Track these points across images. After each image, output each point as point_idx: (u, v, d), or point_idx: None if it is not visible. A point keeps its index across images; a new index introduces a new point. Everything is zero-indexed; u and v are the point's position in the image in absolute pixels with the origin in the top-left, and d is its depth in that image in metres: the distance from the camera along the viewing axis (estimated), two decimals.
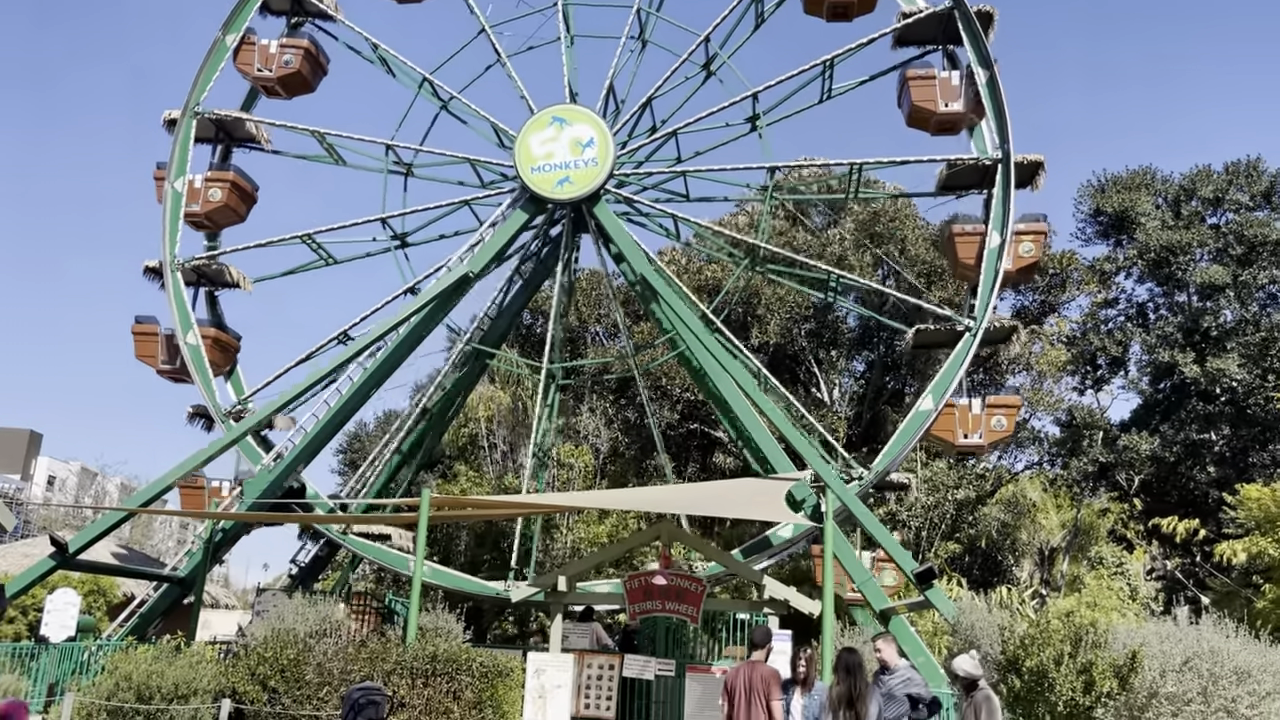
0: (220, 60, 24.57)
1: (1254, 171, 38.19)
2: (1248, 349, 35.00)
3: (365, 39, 24.90)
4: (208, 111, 24.58)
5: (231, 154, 25.55)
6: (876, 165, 22.99)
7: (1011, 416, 22.22)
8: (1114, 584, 31.38)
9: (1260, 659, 13.15)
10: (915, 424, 21.23)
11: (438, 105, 24.96)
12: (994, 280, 21.25)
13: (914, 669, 11.01)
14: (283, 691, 13.39)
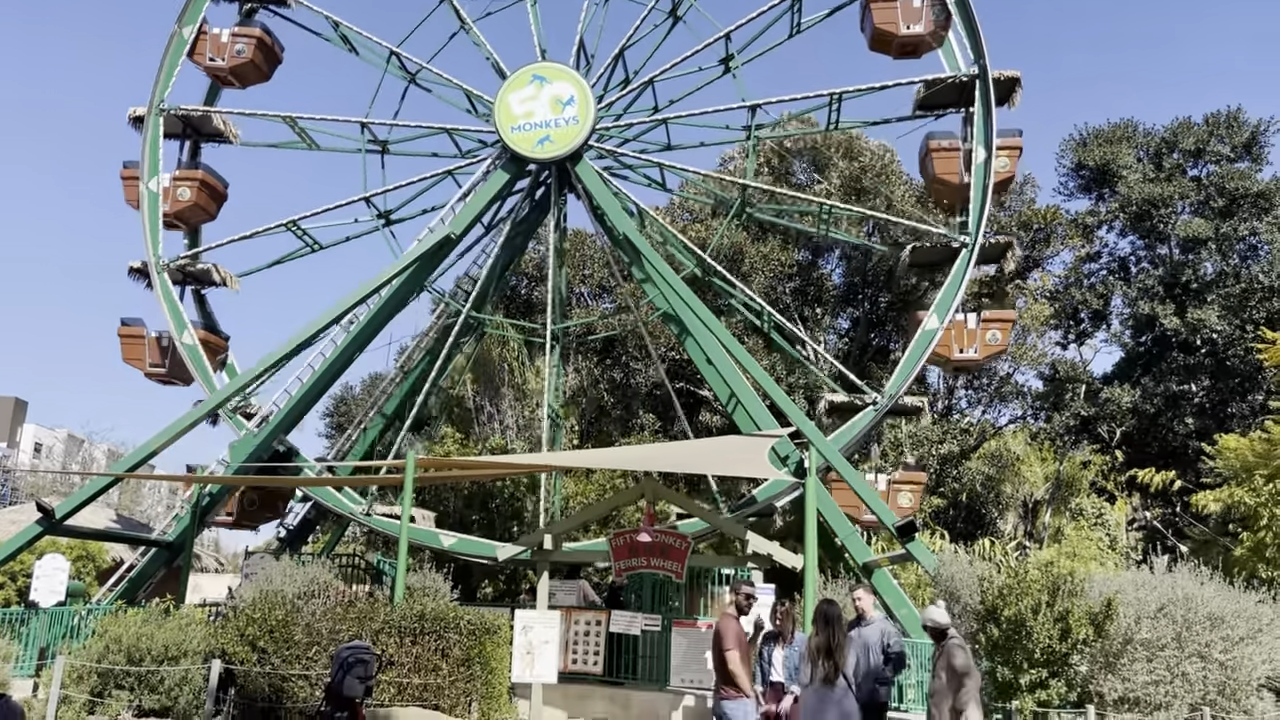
0: (180, 54, 24.20)
1: (1235, 123, 38.17)
2: (1228, 300, 35.24)
3: (326, 18, 24.44)
4: (173, 108, 24.25)
5: (200, 150, 25.22)
6: (855, 94, 22.79)
7: (1006, 330, 22.40)
8: (1094, 535, 31.83)
9: (1234, 605, 13.42)
10: (922, 343, 21.32)
11: (406, 79, 24.64)
12: (984, 194, 21.34)
13: (887, 620, 11.26)
14: (272, 652, 13.54)
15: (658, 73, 23.50)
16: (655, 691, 15.72)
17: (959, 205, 22.57)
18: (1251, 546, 19.56)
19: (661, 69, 23.46)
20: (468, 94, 24.15)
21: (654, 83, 23.68)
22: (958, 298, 21.37)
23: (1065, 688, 12.60)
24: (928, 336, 21.30)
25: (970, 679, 9.58)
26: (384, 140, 25.09)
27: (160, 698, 13.44)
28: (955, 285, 21.39)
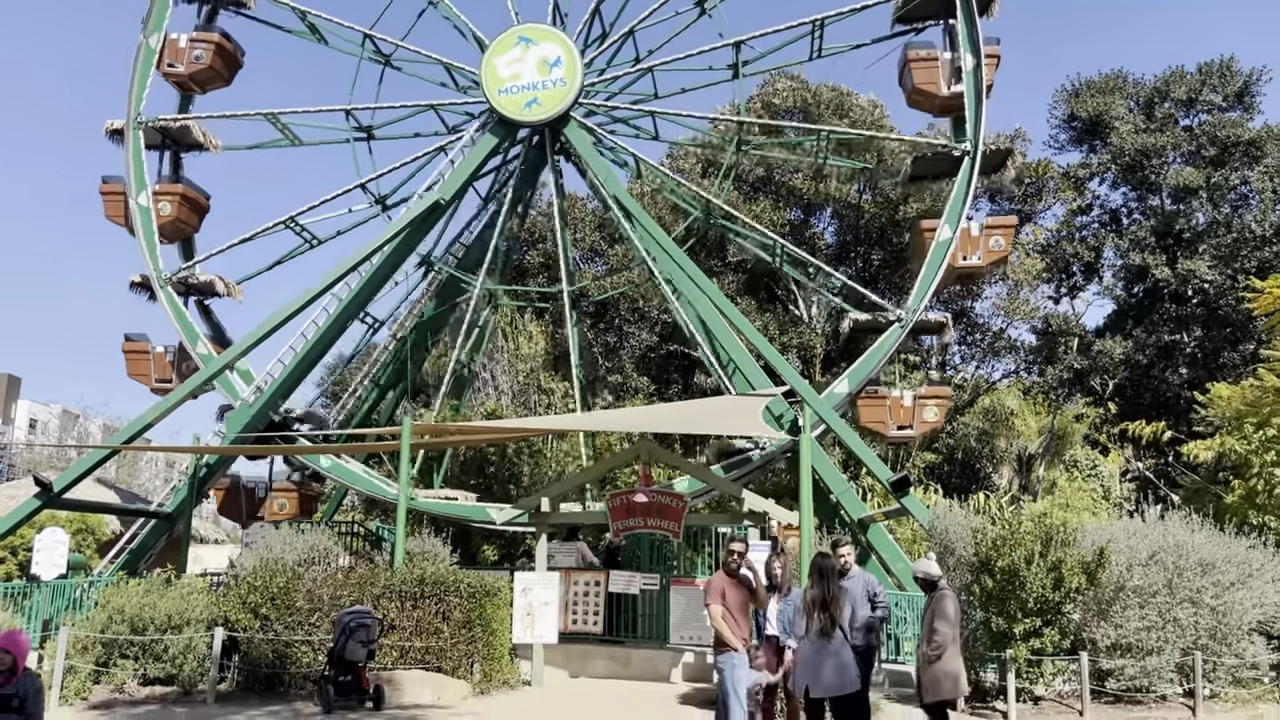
0: (150, 64, 23.86)
1: (1227, 71, 37.98)
2: (1219, 250, 35.27)
3: (292, 9, 24.12)
4: (151, 120, 23.96)
5: (181, 160, 24.94)
6: (836, 17, 22.46)
7: (1009, 236, 22.32)
8: (1087, 486, 32.09)
9: (1224, 551, 13.60)
10: (939, 254, 21.19)
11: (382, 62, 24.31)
12: (979, 100, 21.21)
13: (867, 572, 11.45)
14: (274, 618, 13.66)
15: (635, 22, 23.20)
16: (655, 649, 15.90)
17: (937, 115, 22.43)
18: (1243, 494, 19.72)
19: (639, 18, 23.16)
20: (447, 67, 23.91)
21: (634, 33, 23.39)
22: (966, 205, 21.24)
23: (1059, 636, 12.80)
24: (943, 246, 21.16)
25: (954, 628, 9.77)
26: (369, 126, 24.90)
27: (165, 666, 13.57)
28: (962, 192, 21.24)
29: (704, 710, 12.68)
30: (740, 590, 9.93)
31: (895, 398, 21.53)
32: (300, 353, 22.52)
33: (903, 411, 21.47)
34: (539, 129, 23.24)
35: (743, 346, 21.64)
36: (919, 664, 9.99)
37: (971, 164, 21.31)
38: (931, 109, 22.58)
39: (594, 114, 24.05)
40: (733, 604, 9.74)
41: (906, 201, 34.48)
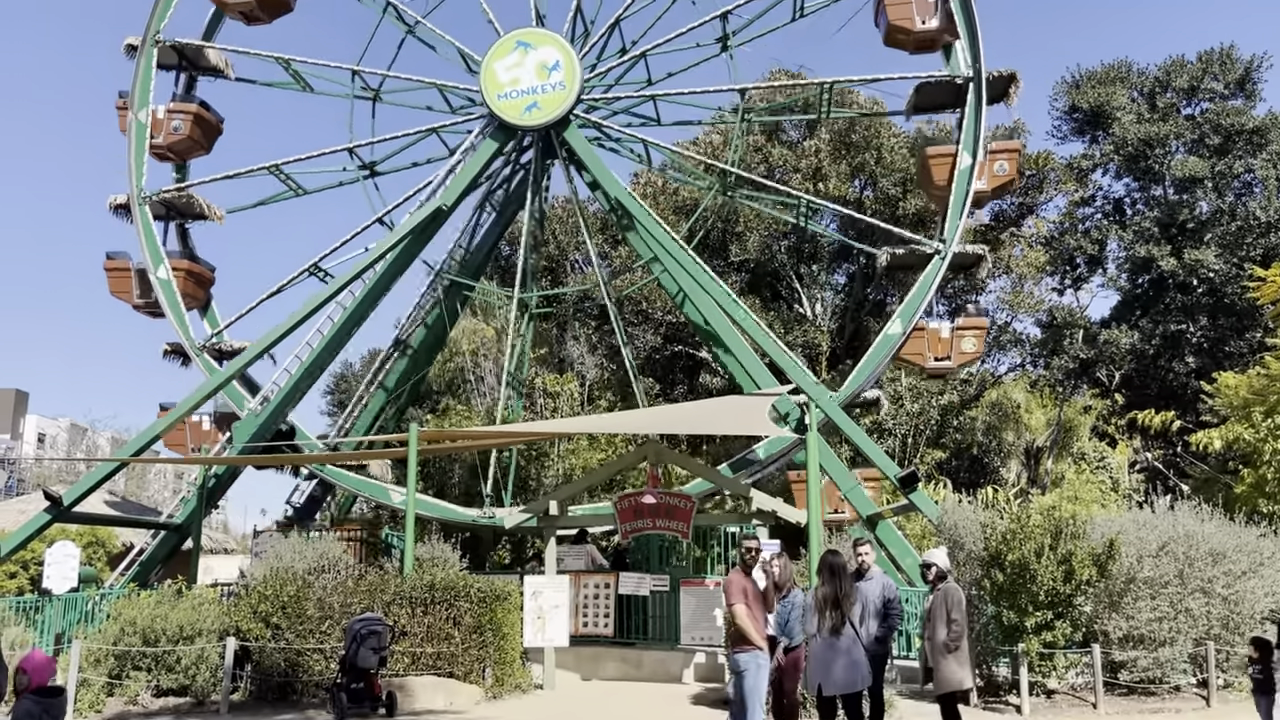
0: (144, 139, 23.69)
1: (1228, 59, 37.86)
2: (1224, 239, 35.16)
3: (275, 60, 24.13)
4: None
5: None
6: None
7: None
8: (1096, 478, 32.00)
9: (1235, 540, 13.57)
10: (884, 348, 21.14)
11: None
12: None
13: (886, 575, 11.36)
14: (285, 627, 13.70)
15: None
16: (666, 650, 15.90)
17: (914, 51, 22.10)
18: (1253, 483, 19.66)
19: (655, 44, 23.13)
20: (460, 51, 23.90)
21: (647, 56, 23.38)
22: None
23: (1070, 628, 12.77)
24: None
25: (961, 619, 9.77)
26: (372, 162, 24.94)
27: (178, 677, 13.61)
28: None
29: (717, 710, 12.67)
30: (756, 588, 9.90)
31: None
32: (305, 363, 22.56)
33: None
34: (540, 132, 23.25)
35: (748, 346, 21.61)
36: (932, 655, 9.95)
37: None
38: (908, 45, 22.12)
39: (595, 109, 24.02)
40: (752, 601, 9.65)
41: (905, 198, 34.44)
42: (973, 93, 21.33)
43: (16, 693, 6.82)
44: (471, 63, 23.57)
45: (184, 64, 24.67)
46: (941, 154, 21.72)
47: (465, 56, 23.75)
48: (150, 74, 23.76)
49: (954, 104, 22.04)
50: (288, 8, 24.59)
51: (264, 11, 24.20)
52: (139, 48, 23.81)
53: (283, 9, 24.52)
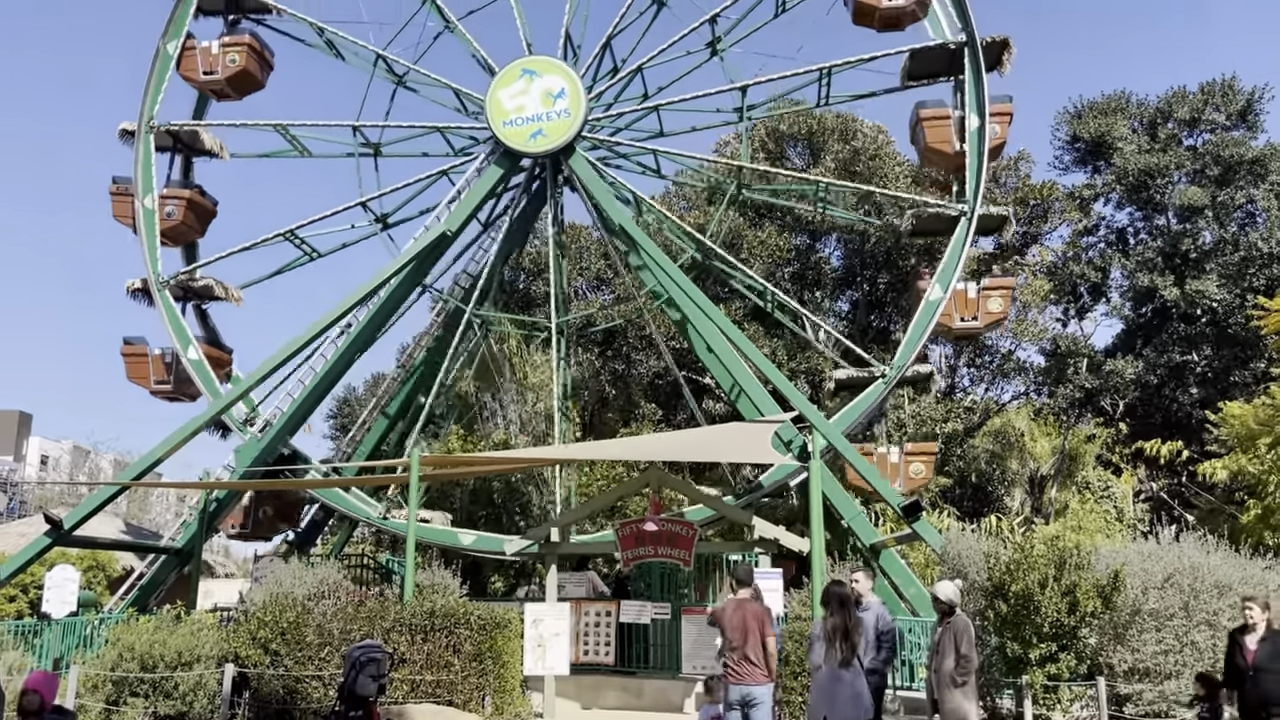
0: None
1: (1229, 91, 38.06)
2: (1226, 269, 35.18)
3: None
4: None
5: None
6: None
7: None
8: (1100, 508, 31.85)
9: (1240, 572, 13.44)
10: (928, 314, 21.22)
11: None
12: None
13: (883, 605, 11.30)
14: (284, 654, 13.61)
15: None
16: (667, 679, 15.78)
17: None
18: (1258, 514, 19.57)
19: (649, 56, 23.40)
20: (457, 93, 24.12)
21: (643, 70, 23.62)
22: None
23: (1075, 660, 12.65)
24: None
25: (970, 655, 9.70)
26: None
27: (175, 703, 13.52)
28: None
29: None
30: None
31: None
32: (309, 386, 22.61)
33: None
34: (544, 159, 23.38)
35: (751, 373, 21.62)
36: (938, 687, 9.86)
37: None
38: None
39: (597, 148, 24.21)
40: None
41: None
42: (969, 54, 21.47)
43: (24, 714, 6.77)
44: (469, 102, 23.81)
45: (179, 146, 24.93)
46: (935, 115, 21.83)
47: (462, 96, 23.97)
48: (150, 160, 24.05)
49: (948, 71, 22.23)
50: (259, 85, 24.87)
51: (233, 89, 24.50)
52: (136, 134, 24.01)
53: (253, 87, 24.80)
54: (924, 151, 22.43)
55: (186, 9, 24.02)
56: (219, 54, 23.92)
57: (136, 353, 24.18)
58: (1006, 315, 24.11)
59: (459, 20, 24.21)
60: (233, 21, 25.07)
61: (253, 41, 24.27)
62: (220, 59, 23.88)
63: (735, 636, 9.66)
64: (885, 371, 21.38)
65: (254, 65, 24.24)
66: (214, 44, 24.06)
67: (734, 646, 9.65)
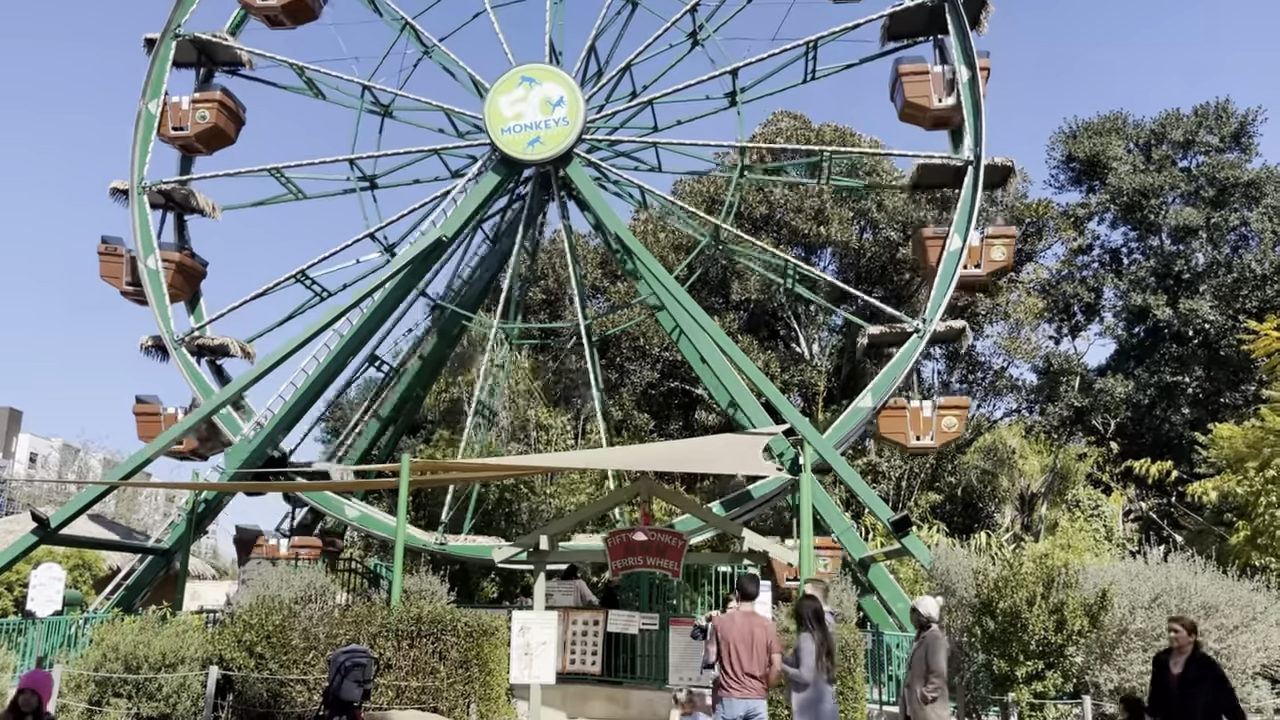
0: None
1: (1223, 113, 38.29)
2: (1219, 290, 35.35)
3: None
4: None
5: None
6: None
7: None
8: (1090, 526, 31.90)
9: (1228, 594, 13.47)
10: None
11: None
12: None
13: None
14: (269, 657, 13.54)
15: (633, 56, 23.51)
16: (654, 690, 15.72)
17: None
18: (1247, 535, 19.61)
19: (635, 53, 23.47)
20: (447, 114, 24.23)
21: (631, 67, 23.68)
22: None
23: (1061, 679, 12.65)
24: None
25: (941, 671, 9.70)
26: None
27: (159, 705, 13.44)
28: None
29: None
30: None
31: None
32: (300, 389, 22.55)
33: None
34: (542, 167, 23.42)
35: (744, 384, 21.64)
36: (910, 703, 9.90)
37: (975, 174, 21.41)
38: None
39: (597, 149, 24.25)
40: None
41: (906, 243, 34.67)
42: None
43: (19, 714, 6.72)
44: (483, 90, 23.84)
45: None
46: (914, 70, 21.98)
47: (477, 84, 23.97)
48: (166, 66, 23.97)
49: (926, 30, 22.41)
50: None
51: (287, 17, 24.42)
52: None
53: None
54: (903, 107, 22.32)
55: (163, 68, 24.03)
56: (189, 110, 23.89)
57: (149, 411, 23.90)
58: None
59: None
60: (205, 75, 25.12)
61: (223, 98, 24.22)
62: (190, 115, 23.84)
63: (742, 649, 9.43)
64: (918, 326, 21.34)
65: (224, 121, 24.17)
66: (184, 100, 24.06)
67: (738, 659, 9.44)
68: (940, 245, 21.67)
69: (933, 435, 21.48)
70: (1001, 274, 23.26)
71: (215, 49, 24.66)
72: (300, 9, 24.31)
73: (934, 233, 22.31)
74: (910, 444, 21.58)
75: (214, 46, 24.58)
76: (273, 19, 24.51)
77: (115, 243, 24.31)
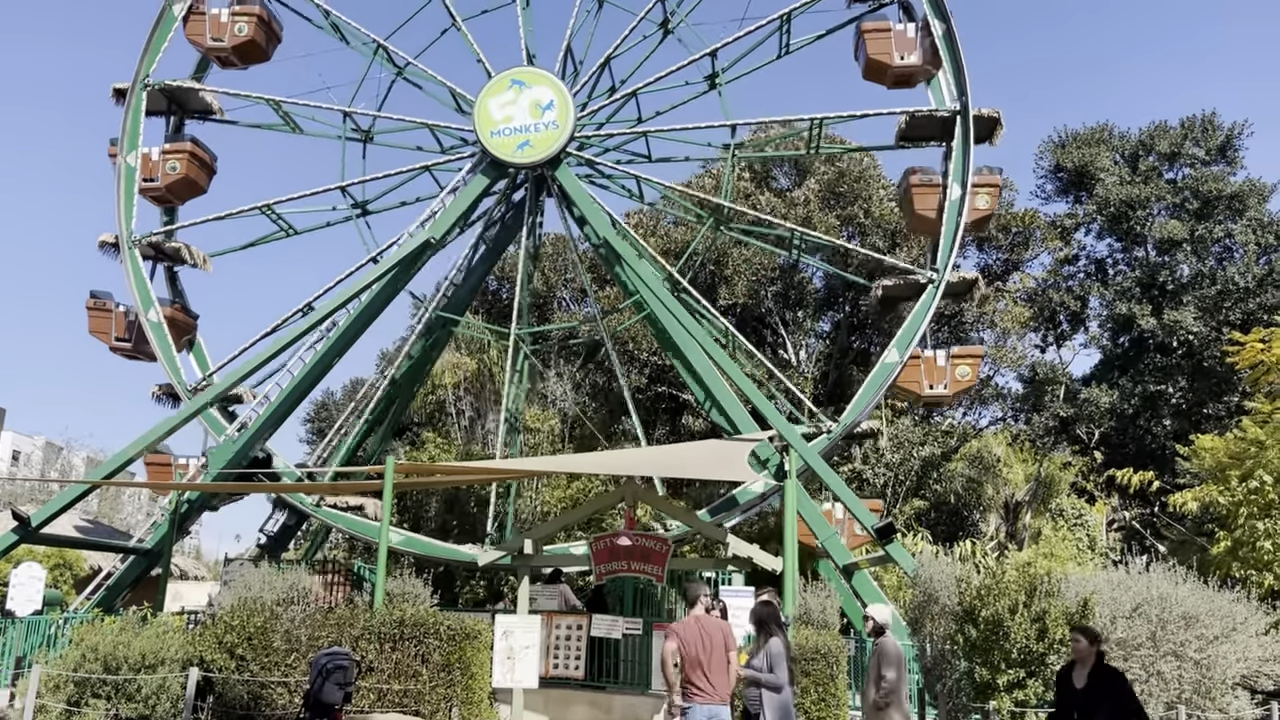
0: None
1: (1209, 126, 38.59)
2: (1203, 302, 35.59)
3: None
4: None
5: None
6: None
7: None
8: (1073, 535, 32.05)
9: (1208, 604, 13.53)
10: (881, 375, 21.56)
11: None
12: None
13: None
14: (250, 659, 13.48)
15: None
16: (637, 695, 15.71)
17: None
18: (1228, 546, 19.69)
19: (646, 82, 23.50)
20: (452, 92, 24.14)
21: (638, 95, 23.72)
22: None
23: (1043, 687, 12.67)
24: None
25: (899, 680, 9.72)
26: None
27: (138, 706, 13.34)
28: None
29: None
30: None
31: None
32: (285, 389, 22.44)
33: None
34: (533, 171, 23.40)
35: (730, 390, 21.65)
36: (865, 712, 9.96)
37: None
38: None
39: (587, 146, 24.24)
40: None
41: (893, 251, 34.78)
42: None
43: None
44: (463, 102, 23.83)
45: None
46: (925, 183, 22.13)
47: (456, 96, 23.99)
48: (140, 117, 23.92)
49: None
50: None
51: (238, 57, 24.46)
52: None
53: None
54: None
55: (137, 119, 24.01)
56: (228, 21, 23.85)
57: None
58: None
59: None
60: (177, 124, 25.10)
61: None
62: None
63: (700, 654, 9.35)
64: (932, 276, 21.51)
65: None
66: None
67: (696, 664, 9.37)
68: (927, 192, 21.82)
69: (946, 384, 21.71)
70: (986, 221, 23.38)
71: (186, 97, 24.64)
72: (251, 50, 24.30)
73: (920, 179, 22.33)
74: (924, 393, 21.79)
75: (184, 94, 24.57)
76: (224, 60, 24.58)
77: (104, 298, 24.23)
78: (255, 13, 24.03)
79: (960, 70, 21.84)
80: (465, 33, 24.17)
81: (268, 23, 24.46)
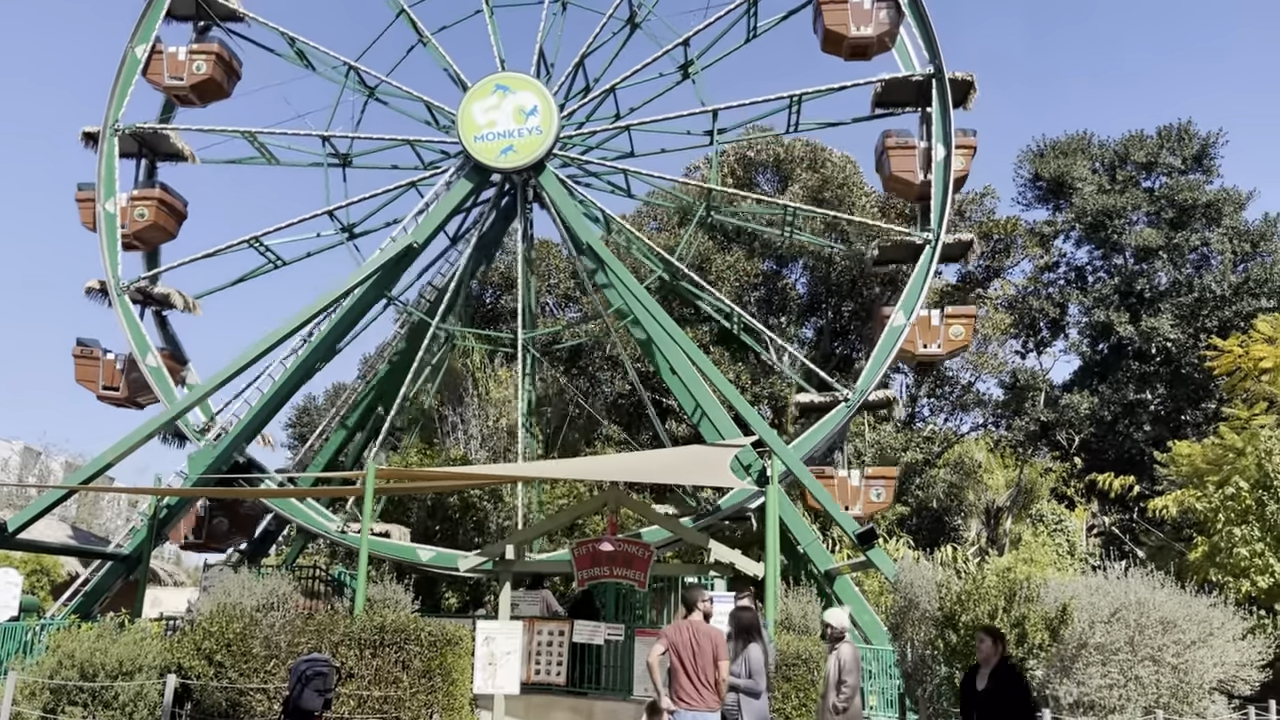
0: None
1: (1185, 135, 39.00)
2: (1180, 309, 35.95)
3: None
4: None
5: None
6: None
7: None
8: (1053, 541, 32.26)
9: (1186, 609, 13.62)
10: (891, 339, 21.60)
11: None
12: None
13: None
14: (229, 665, 13.38)
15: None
16: (619, 701, 15.69)
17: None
18: (1205, 551, 19.89)
19: (622, 77, 23.59)
20: (428, 106, 24.12)
21: (615, 90, 23.78)
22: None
23: None
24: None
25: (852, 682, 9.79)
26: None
27: (114, 714, 13.22)
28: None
29: None
30: None
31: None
32: (266, 394, 22.35)
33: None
34: (518, 175, 23.40)
35: (713, 396, 21.69)
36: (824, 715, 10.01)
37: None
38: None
39: (568, 165, 24.29)
40: None
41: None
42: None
43: None
44: (440, 115, 23.83)
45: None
46: (900, 145, 22.32)
47: (433, 110, 24.00)
48: (114, 163, 23.73)
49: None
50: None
51: (197, 96, 24.35)
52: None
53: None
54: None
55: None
56: (186, 60, 23.73)
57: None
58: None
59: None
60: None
61: (220, 50, 24.10)
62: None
63: (689, 660, 9.33)
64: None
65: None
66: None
67: (685, 670, 9.35)
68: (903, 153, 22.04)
69: (939, 344, 21.92)
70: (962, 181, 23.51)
71: (156, 141, 24.52)
72: (210, 88, 24.22)
73: (896, 141, 22.47)
74: (918, 352, 21.94)
75: (155, 139, 24.45)
76: (183, 99, 24.51)
77: (91, 345, 24.01)
78: (214, 50, 23.94)
79: (929, 33, 22.08)
80: (435, 45, 24.14)
81: (227, 60, 24.34)
